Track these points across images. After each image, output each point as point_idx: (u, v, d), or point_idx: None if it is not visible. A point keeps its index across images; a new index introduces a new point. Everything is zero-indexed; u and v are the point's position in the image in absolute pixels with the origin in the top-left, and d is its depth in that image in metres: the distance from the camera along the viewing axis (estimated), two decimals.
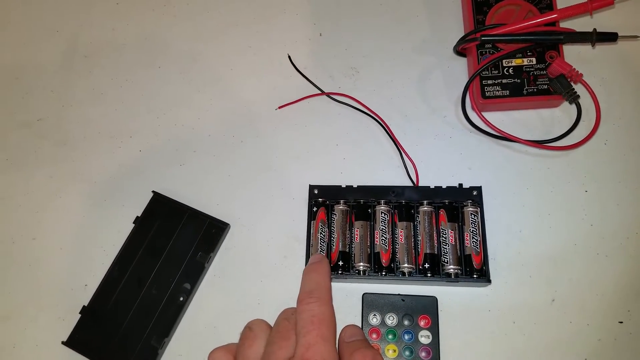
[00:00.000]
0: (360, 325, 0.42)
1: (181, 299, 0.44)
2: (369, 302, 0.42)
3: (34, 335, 0.45)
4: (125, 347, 0.42)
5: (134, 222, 0.47)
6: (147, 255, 0.45)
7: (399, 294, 0.42)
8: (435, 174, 0.46)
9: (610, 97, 0.47)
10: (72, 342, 0.43)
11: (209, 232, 0.46)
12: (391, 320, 0.41)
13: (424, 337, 0.41)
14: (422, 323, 0.41)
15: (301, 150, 0.49)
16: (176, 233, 0.46)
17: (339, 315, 0.42)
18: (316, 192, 0.45)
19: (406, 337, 0.41)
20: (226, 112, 0.51)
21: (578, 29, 0.45)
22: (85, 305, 0.44)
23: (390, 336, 0.41)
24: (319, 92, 0.50)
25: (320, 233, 0.43)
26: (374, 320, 0.42)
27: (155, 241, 0.46)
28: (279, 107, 0.50)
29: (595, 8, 0.43)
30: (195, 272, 0.44)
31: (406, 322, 0.41)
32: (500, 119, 0.47)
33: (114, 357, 0.42)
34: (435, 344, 0.41)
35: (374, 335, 0.41)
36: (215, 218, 0.46)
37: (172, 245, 0.45)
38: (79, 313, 0.44)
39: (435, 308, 0.42)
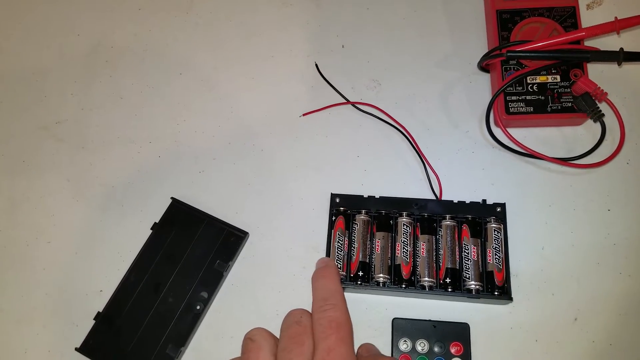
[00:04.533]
0: (390, 352, 0.41)
1: (198, 307, 0.43)
2: (399, 328, 0.42)
3: (46, 341, 0.44)
4: (140, 356, 0.42)
5: (151, 228, 0.46)
6: (164, 262, 0.45)
7: (429, 320, 0.42)
8: (457, 189, 0.46)
9: (633, 117, 0.47)
10: (85, 349, 0.42)
11: (227, 240, 0.45)
12: (422, 346, 0.41)
13: None
14: (453, 350, 0.40)
15: (322, 160, 0.49)
16: (194, 240, 0.45)
17: (365, 334, 0.42)
18: (338, 200, 0.45)
19: None
20: (247, 120, 0.51)
21: (600, 48, 0.45)
22: (100, 311, 0.44)
23: None
24: (344, 101, 0.50)
25: (338, 242, 0.43)
26: (405, 346, 0.41)
27: (172, 248, 0.45)
28: (304, 115, 0.50)
29: (623, 27, 0.43)
30: (213, 281, 0.44)
31: (437, 349, 0.40)
32: (523, 135, 0.47)
33: None
34: None
35: None
36: (234, 226, 0.46)
37: (189, 252, 0.45)
38: (93, 319, 0.43)
39: (468, 335, 0.41)
